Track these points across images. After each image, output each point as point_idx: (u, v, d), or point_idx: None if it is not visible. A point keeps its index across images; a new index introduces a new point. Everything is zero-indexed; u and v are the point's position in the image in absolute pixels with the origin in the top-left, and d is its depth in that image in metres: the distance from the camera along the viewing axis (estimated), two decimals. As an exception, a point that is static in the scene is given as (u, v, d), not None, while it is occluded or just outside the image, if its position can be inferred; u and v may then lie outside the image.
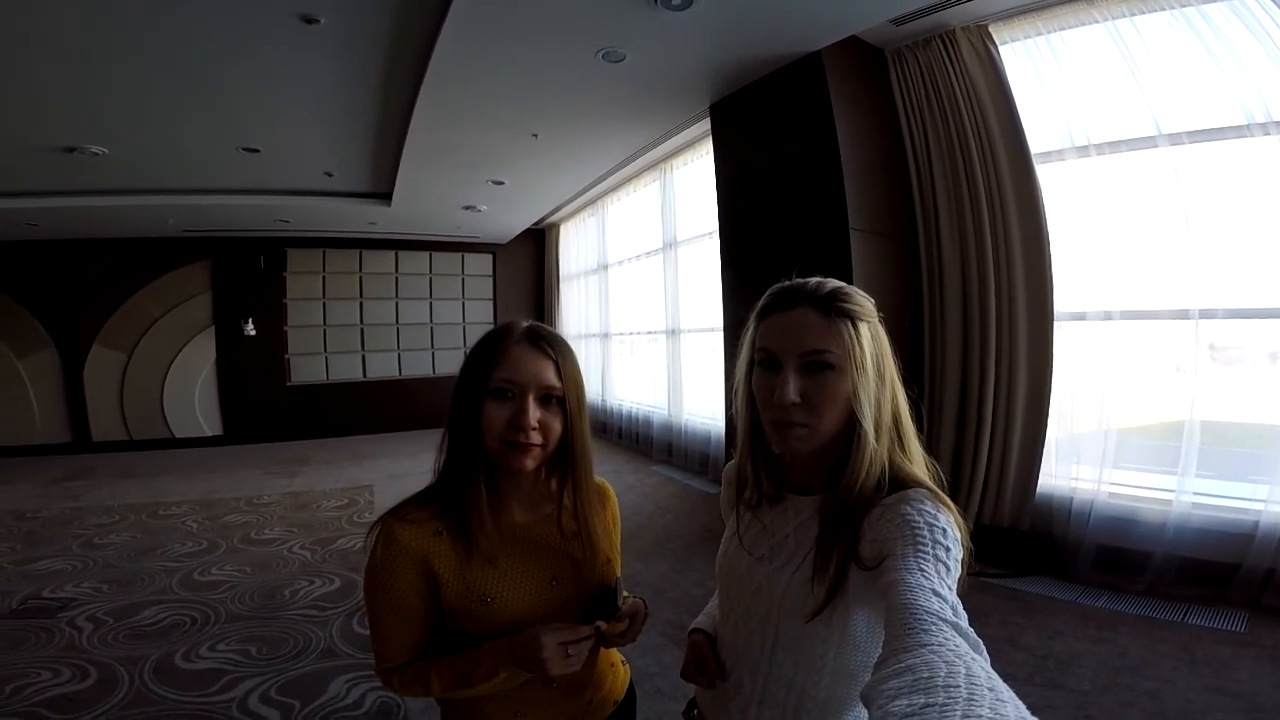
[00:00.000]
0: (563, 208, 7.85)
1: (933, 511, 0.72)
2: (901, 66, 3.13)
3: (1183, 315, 2.66)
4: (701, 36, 3.23)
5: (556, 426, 0.91)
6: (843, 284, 0.83)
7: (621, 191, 6.91)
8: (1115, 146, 2.73)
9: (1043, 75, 2.88)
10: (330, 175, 6.04)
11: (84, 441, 7.83)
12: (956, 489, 3.19)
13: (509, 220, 8.06)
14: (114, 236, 7.54)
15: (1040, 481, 2.94)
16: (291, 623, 3.24)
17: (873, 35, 3.16)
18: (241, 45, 3.34)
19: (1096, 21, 2.65)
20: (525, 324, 0.94)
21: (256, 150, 5.12)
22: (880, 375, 0.80)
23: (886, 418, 0.81)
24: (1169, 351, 2.79)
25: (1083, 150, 2.79)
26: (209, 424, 8.33)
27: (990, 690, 0.42)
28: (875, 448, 0.79)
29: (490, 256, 9.55)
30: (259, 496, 5.79)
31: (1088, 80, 2.77)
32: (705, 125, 4.46)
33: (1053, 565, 2.91)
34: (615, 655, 1.11)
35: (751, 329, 0.86)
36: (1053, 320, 2.88)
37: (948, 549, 0.67)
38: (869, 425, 0.78)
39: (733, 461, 1.02)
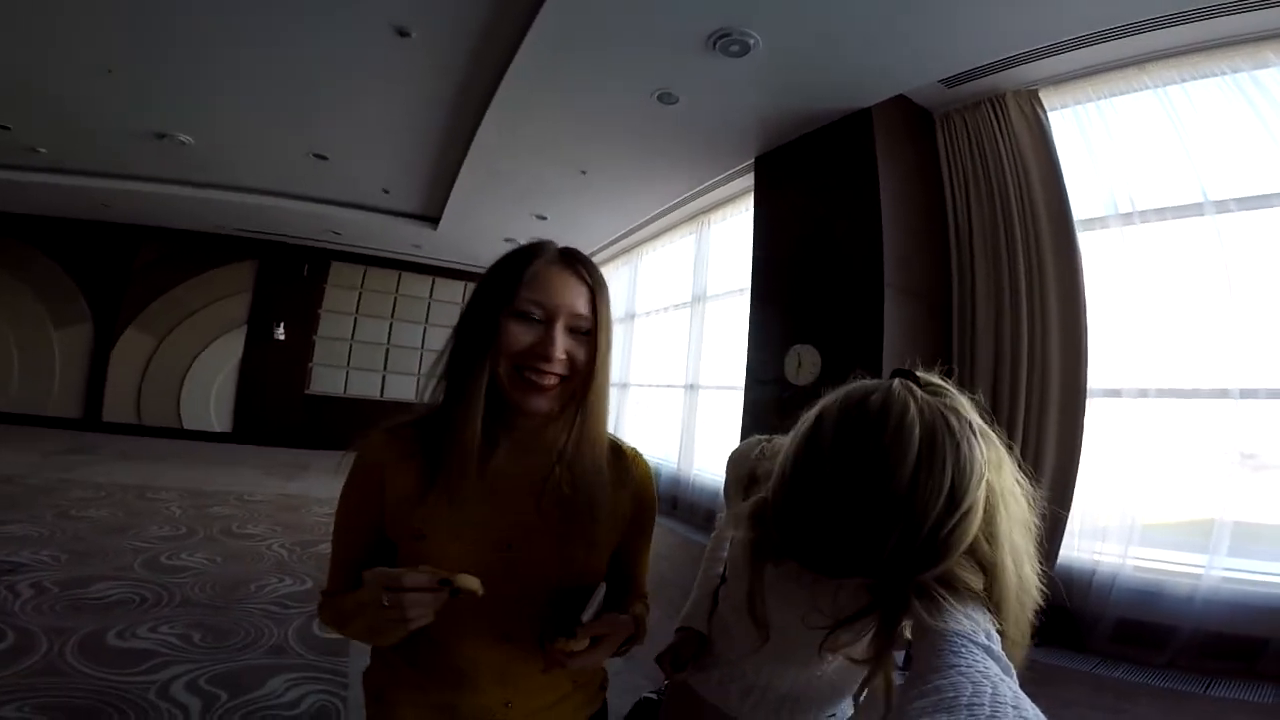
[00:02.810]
0: (598, 253, 7.97)
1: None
2: (949, 129, 3.15)
3: (1222, 394, 2.49)
4: (755, 85, 3.32)
5: (582, 361, 0.80)
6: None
7: (657, 242, 7.00)
8: (1161, 213, 2.65)
9: (1090, 141, 2.85)
10: (387, 192, 6.30)
11: (93, 420, 7.91)
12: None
13: (546, 261, 8.19)
14: (172, 226, 7.91)
15: (1060, 554, 2.74)
16: (247, 615, 3.08)
17: (922, 96, 3.22)
18: (336, 51, 3.55)
19: (1148, 88, 2.63)
20: (559, 245, 0.85)
21: (326, 157, 5.36)
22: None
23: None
24: (1204, 437, 2.61)
25: (1127, 217, 2.72)
26: (220, 420, 8.38)
27: (1015, 708, 0.42)
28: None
29: (523, 296, 9.70)
30: (251, 494, 5.71)
31: (1135, 146, 2.74)
32: (746, 182, 4.53)
33: (1066, 637, 2.70)
34: (587, 673, 0.92)
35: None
36: (1085, 395, 2.73)
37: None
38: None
39: (743, 449, 0.94)
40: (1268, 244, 2.38)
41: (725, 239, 5.63)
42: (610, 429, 0.91)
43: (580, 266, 0.82)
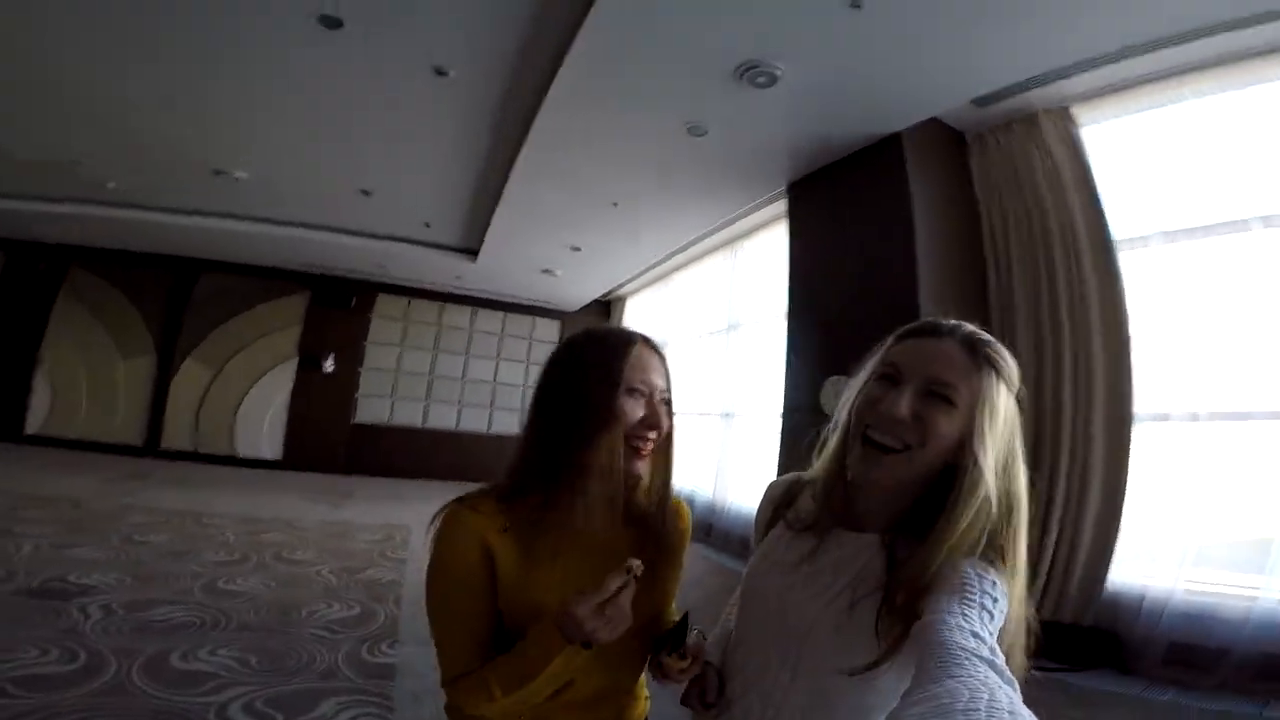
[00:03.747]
0: (631, 281, 8.10)
1: (984, 566, 0.72)
2: (982, 150, 3.14)
3: (1278, 416, 2.40)
4: (784, 115, 3.39)
5: (666, 431, 0.93)
6: (998, 342, 0.81)
7: (690, 268, 7.06)
8: (1206, 231, 2.57)
9: (1128, 157, 2.80)
10: (429, 225, 6.55)
11: (153, 446, 8.28)
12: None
13: (581, 288, 8.38)
14: (231, 260, 8.33)
15: (1109, 578, 2.68)
16: (300, 640, 3.17)
17: (953, 118, 3.21)
18: (378, 90, 3.76)
19: (1185, 99, 2.57)
20: (636, 330, 0.97)
21: (370, 193, 5.63)
22: (1010, 445, 0.77)
23: (1011, 488, 0.76)
24: (1260, 458, 2.51)
25: (1170, 236, 2.65)
26: (271, 448, 8.67)
27: (1010, 713, 0.43)
28: (992, 511, 0.73)
29: (558, 323, 9.88)
30: (300, 520, 5.87)
31: (1176, 161, 2.67)
32: (779, 207, 4.57)
33: (1115, 661, 2.63)
34: (640, 688, 1.04)
35: (884, 349, 0.86)
36: (1132, 420, 2.65)
37: (995, 599, 0.68)
38: (990, 479, 0.73)
39: (780, 479, 1.03)
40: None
41: (759, 263, 5.64)
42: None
43: (659, 349, 0.97)
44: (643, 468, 0.91)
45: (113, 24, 3.33)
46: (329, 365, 8.77)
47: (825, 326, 3.79)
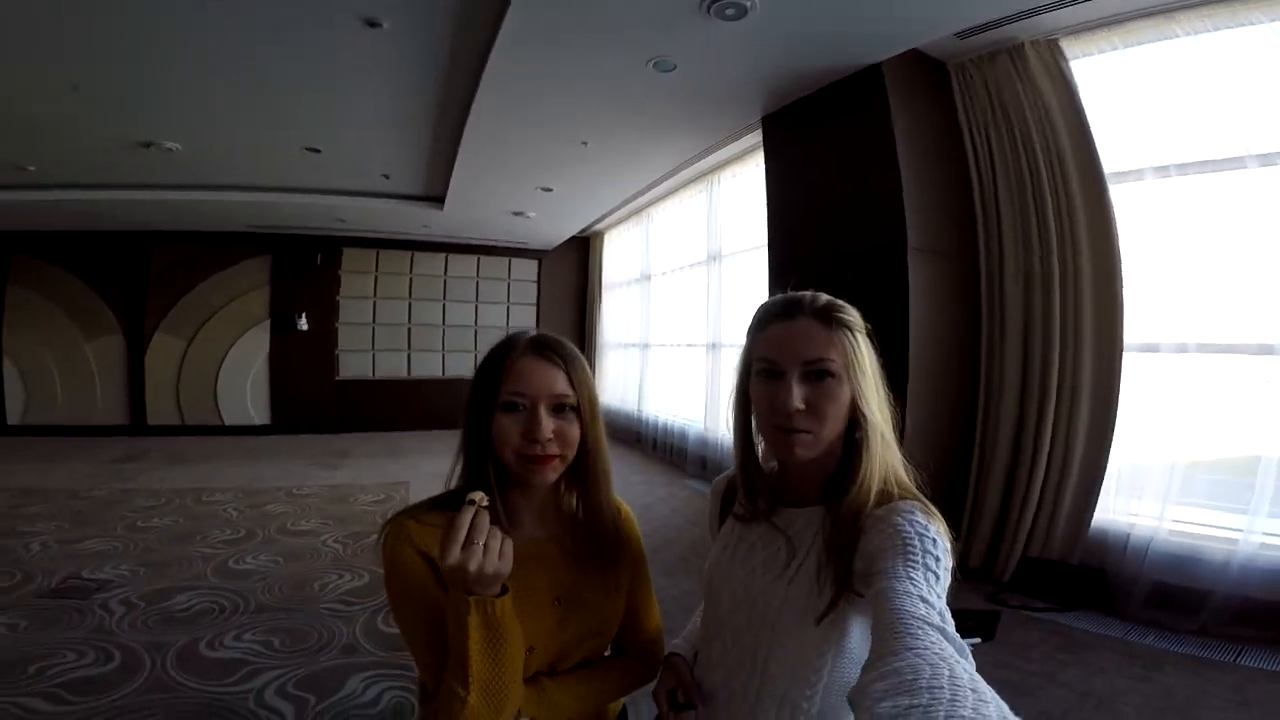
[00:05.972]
0: (608, 216, 7.89)
1: (923, 522, 0.74)
2: (965, 81, 2.99)
3: (1267, 350, 2.44)
4: (755, 47, 3.17)
5: (575, 435, 0.89)
6: (834, 298, 0.87)
7: (667, 201, 6.88)
8: (1200, 167, 2.53)
9: (1119, 92, 2.69)
10: (387, 177, 6.22)
11: (140, 424, 8.21)
12: (1005, 519, 3.05)
13: (556, 227, 8.14)
14: (184, 229, 7.94)
15: (1096, 515, 2.78)
16: (317, 616, 3.25)
17: (935, 49, 3.03)
18: (307, 47, 3.45)
19: (1178, 36, 2.46)
20: (530, 334, 0.93)
21: (318, 150, 5.30)
22: (877, 384, 0.84)
23: (887, 425, 0.84)
24: (1248, 387, 2.57)
25: (1162, 171, 2.60)
26: (258, 414, 8.62)
27: (973, 690, 0.44)
28: (883, 451, 0.82)
29: (536, 262, 9.67)
30: (300, 487, 5.91)
31: (1169, 97, 2.58)
32: (756, 137, 4.38)
33: (1101, 601, 2.76)
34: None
35: (749, 341, 0.89)
36: (1121, 351, 2.69)
37: (937, 558, 0.69)
38: (877, 428, 0.81)
39: (721, 475, 1.06)
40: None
41: (738, 195, 5.50)
42: (633, 396, 0.99)
43: (550, 351, 0.90)
44: (550, 474, 0.88)
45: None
46: (303, 324, 8.59)
47: (807, 260, 3.74)
